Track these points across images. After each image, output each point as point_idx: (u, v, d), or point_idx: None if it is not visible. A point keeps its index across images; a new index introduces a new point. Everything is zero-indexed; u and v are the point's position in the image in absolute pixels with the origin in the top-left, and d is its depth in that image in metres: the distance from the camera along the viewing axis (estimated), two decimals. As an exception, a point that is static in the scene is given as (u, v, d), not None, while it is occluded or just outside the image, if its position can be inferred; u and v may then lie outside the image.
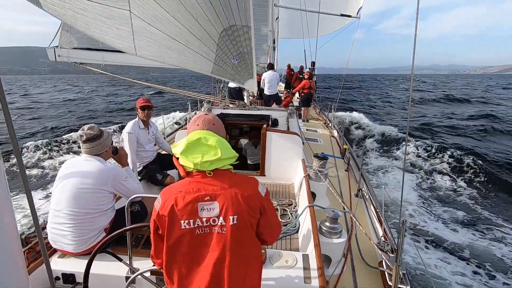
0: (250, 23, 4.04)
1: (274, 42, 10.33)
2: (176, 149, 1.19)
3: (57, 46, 4.45)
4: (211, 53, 4.01)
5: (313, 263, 1.89)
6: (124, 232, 1.65)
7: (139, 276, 1.64)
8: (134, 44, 2.82)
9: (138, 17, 2.63)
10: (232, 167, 1.24)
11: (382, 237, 2.56)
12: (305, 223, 2.50)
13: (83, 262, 1.66)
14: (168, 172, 3.51)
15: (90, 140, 2.03)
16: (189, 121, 6.89)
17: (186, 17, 3.39)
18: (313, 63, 12.30)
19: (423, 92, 35.28)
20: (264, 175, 3.86)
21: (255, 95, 8.54)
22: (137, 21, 2.65)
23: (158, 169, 3.44)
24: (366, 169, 7.78)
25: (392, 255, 2.26)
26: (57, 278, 1.90)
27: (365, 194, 3.73)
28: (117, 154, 2.50)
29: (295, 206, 3.18)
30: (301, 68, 12.37)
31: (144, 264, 1.82)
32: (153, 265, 1.69)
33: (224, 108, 4.77)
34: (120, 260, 1.79)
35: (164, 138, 4.51)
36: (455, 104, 24.77)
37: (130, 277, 1.70)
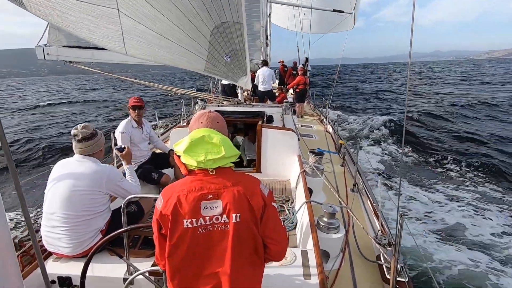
0: (242, 19, 3.99)
1: (267, 38, 10.29)
2: (179, 147, 1.18)
3: (45, 45, 4.35)
4: (203, 51, 3.96)
5: (312, 259, 1.88)
6: (122, 233, 1.63)
7: (137, 277, 1.62)
8: (124, 43, 2.76)
9: (126, 16, 2.58)
10: (233, 165, 1.23)
11: (379, 231, 2.57)
12: (303, 219, 2.50)
13: (80, 265, 1.64)
14: (164, 171, 3.47)
15: (85, 139, 1.98)
16: (183, 119, 6.88)
17: (176, 14, 3.34)
18: (306, 59, 12.28)
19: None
20: (260, 172, 3.85)
21: (249, 92, 8.51)
22: (126, 20, 2.59)
23: (153, 168, 3.40)
24: (362, 164, 7.82)
25: (390, 248, 2.27)
26: (53, 281, 1.86)
27: (361, 189, 3.74)
28: (123, 151, 2.48)
29: (292, 203, 3.18)
30: (294, 64, 12.35)
31: (142, 265, 1.79)
32: (151, 266, 1.67)
33: (218, 106, 4.73)
34: (121, 257, 1.76)
35: (158, 136, 4.47)
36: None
37: (128, 278, 1.68)
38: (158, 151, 3.88)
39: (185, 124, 4.83)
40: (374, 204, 3.27)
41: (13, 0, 1.87)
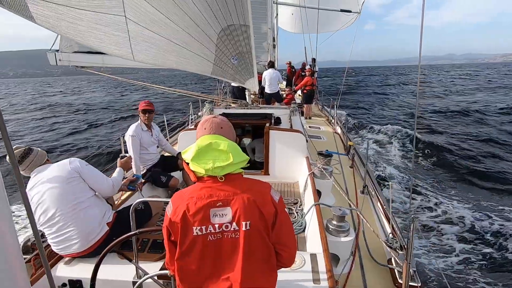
0: (248, 22, 3.99)
1: (274, 40, 10.28)
2: (186, 155, 1.17)
3: (57, 50, 4.44)
4: (210, 54, 3.97)
5: (322, 263, 1.85)
6: (131, 237, 1.64)
7: (146, 281, 1.63)
8: (131, 49, 2.80)
9: (133, 22, 2.61)
10: (243, 171, 1.21)
11: (390, 234, 2.52)
12: (312, 222, 2.47)
13: (90, 267, 1.66)
14: (172, 173, 3.50)
15: (24, 157, 1.99)
16: (191, 121, 6.92)
17: (183, 19, 3.36)
18: (313, 60, 12.21)
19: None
20: (268, 174, 3.83)
21: (257, 94, 8.51)
22: (133, 26, 2.63)
23: (162, 171, 3.43)
24: (372, 166, 7.69)
25: (401, 252, 2.22)
26: (64, 284, 1.89)
27: (371, 191, 3.68)
28: (123, 158, 2.51)
29: (301, 205, 3.15)
30: (303, 65, 12.29)
31: (151, 269, 1.80)
32: (160, 269, 1.68)
33: (226, 108, 4.74)
34: (130, 260, 1.78)
35: (167, 139, 4.50)
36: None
37: (137, 281, 1.69)
38: (166, 154, 3.92)
39: (193, 127, 4.86)
40: (384, 207, 3.21)
41: (23, 14, 1.91)
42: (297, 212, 3.00)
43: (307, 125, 7.32)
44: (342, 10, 10.92)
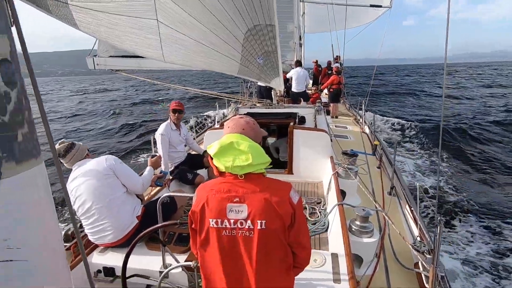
0: (274, 21, 4.02)
1: (300, 39, 10.20)
2: (210, 150, 1.22)
3: (95, 55, 4.76)
4: (236, 54, 4.05)
5: (343, 263, 1.85)
6: (158, 228, 1.75)
7: (171, 271, 1.73)
8: (162, 51, 2.94)
9: (164, 25, 2.74)
10: (265, 171, 1.22)
11: (418, 237, 2.44)
12: (335, 221, 2.46)
13: (121, 256, 1.78)
14: (198, 171, 3.63)
15: (67, 152, 2.14)
16: (217, 121, 7.08)
17: (211, 20, 3.46)
18: (337, 57, 11.93)
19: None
20: (292, 173, 3.84)
21: (282, 93, 8.50)
22: (163, 29, 2.76)
23: (188, 169, 3.57)
24: (399, 166, 7.40)
25: (429, 256, 2.15)
26: (99, 271, 2.05)
27: (399, 192, 3.57)
28: (153, 157, 2.66)
29: (324, 205, 3.13)
30: (329, 63, 12.07)
31: (177, 260, 1.89)
32: (185, 261, 1.78)
33: (251, 108, 4.81)
34: (164, 245, 1.87)
35: (194, 138, 4.66)
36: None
37: (163, 271, 1.79)
38: (193, 152, 4.06)
39: (218, 126, 4.98)
40: (412, 209, 3.10)
41: (69, 22, 2.10)
42: (320, 212, 3.00)
43: (333, 124, 7.20)
44: (371, 5, 10.58)
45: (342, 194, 2.87)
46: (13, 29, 0.71)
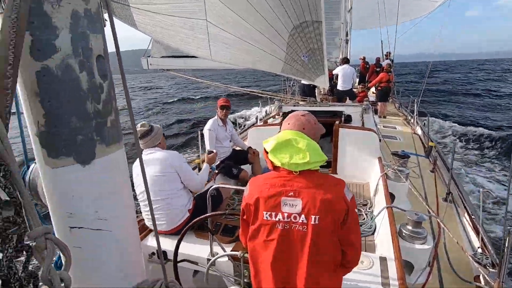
0: (321, 18, 3.93)
1: (347, 35, 9.84)
2: (267, 145, 1.24)
3: (149, 56, 5.16)
4: (281, 52, 4.04)
5: (392, 268, 1.75)
6: (207, 218, 1.84)
7: (217, 260, 1.80)
8: (210, 50, 3.06)
9: (213, 24, 2.85)
10: (319, 168, 1.23)
11: (479, 248, 2.21)
12: (383, 225, 2.33)
13: (173, 242, 1.91)
14: (242, 167, 3.71)
15: (144, 136, 2.29)
16: (260, 119, 7.15)
17: (257, 19, 3.50)
18: (388, 54, 11.23)
19: None
20: (336, 173, 3.72)
21: (327, 91, 8.27)
22: (212, 28, 2.87)
23: (233, 164, 3.67)
24: (456, 172, 6.76)
25: (493, 270, 1.94)
26: (153, 253, 2.22)
27: (456, 199, 3.26)
28: (210, 154, 2.81)
29: (371, 207, 2.99)
30: (377, 60, 11.45)
31: (223, 249, 1.97)
32: (231, 251, 1.83)
33: (294, 105, 4.77)
34: (213, 234, 1.97)
35: (238, 135, 4.77)
36: None
37: (211, 259, 1.87)
38: (237, 148, 4.16)
39: (262, 123, 5.02)
40: (473, 217, 2.81)
41: (129, 23, 2.30)
42: (366, 214, 2.86)
43: (381, 124, 6.84)
44: (427, -3, 9.80)
45: (391, 197, 2.72)
46: (106, 29, 0.83)
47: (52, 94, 0.70)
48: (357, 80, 11.50)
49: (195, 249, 2.12)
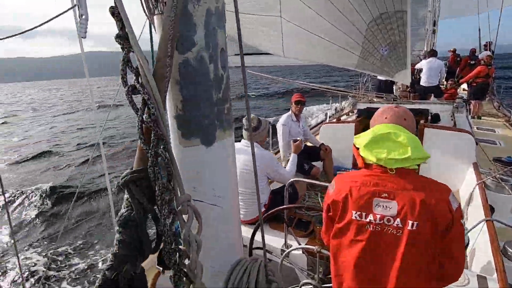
0: (406, 7, 3.57)
1: (434, 25, 8.76)
2: (360, 140, 1.18)
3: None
4: (356, 46, 3.81)
5: None
6: (283, 210, 1.89)
7: (292, 252, 1.83)
8: (282, 46, 3.06)
9: (286, 21, 2.85)
10: (418, 167, 1.13)
11: None
12: (479, 240, 2.01)
13: (249, 231, 2.01)
14: (314, 163, 3.64)
15: (255, 129, 2.42)
16: (330, 116, 6.89)
17: (332, 12, 3.37)
18: (489, 44, 9.51)
19: None
20: None
21: (407, 87, 7.48)
22: (285, 25, 2.87)
23: (305, 159, 3.61)
24: None
25: None
26: None
27: None
28: (295, 142, 2.92)
29: (462, 218, 2.59)
30: (472, 51, 9.90)
31: (295, 243, 2.00)
32: (306, 244, 1.87)
33: (370, 102, 4.46)
34: (289, 226, 2.02)
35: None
36: None
37: (285, 250, 1.90)
38: (309, 144, 4.10)
39: (334, 120, 4.84)
40: None
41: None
42: (455, 226, 2.50)
43: (474, 126, 5.93)
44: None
45: (490, 209, 2.33)
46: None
47: (189, 83, 0.82)
48: (445, 75, 10.14)
49: (269, 239, 2.19)
